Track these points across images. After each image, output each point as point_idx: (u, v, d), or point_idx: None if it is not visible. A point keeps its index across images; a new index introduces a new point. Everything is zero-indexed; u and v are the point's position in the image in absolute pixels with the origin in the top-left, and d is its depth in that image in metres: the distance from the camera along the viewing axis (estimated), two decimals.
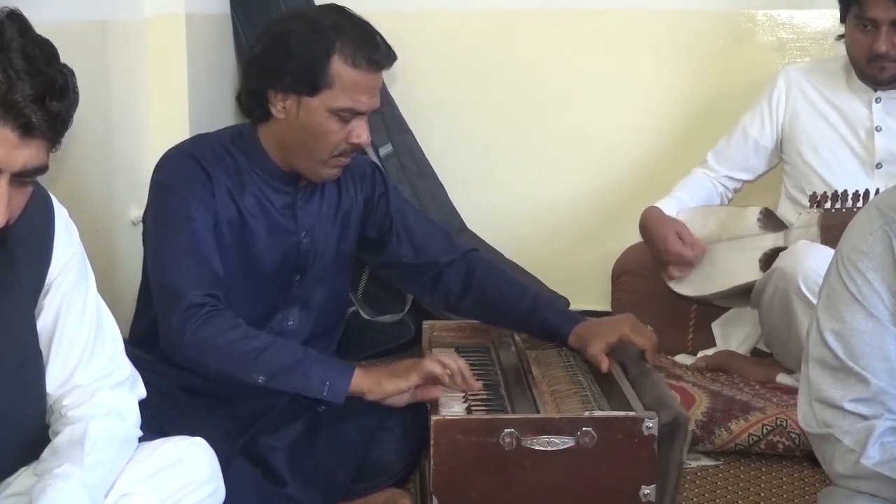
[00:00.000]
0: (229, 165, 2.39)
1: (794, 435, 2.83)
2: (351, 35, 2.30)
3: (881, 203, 1.86)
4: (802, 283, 2.87)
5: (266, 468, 2.36)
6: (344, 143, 2.33)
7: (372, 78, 2.32)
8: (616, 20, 3.92)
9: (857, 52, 3.14)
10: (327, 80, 2.28)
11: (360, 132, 2.33)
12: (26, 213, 1.68)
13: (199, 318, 2.22)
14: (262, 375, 2.22)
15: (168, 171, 2.39)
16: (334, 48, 2.27)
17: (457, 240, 2.73)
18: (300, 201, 2.45)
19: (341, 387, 2.21)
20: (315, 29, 2.30)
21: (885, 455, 1.77)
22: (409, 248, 2.61)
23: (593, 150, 4.01)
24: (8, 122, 1.51)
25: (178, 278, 2.27)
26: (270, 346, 2.24)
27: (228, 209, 2.37)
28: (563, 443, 2.00)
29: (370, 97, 2.32)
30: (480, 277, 2.59)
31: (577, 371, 2.40)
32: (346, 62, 2.28)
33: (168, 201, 2.35)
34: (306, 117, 2.31)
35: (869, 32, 3.08)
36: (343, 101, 2.29)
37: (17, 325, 1.74)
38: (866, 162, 3.23)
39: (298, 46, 2.29)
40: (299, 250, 2.45)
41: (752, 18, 3.92)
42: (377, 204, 2.59)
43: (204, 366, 2.26)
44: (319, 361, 2.25)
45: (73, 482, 1.66)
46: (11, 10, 1.56)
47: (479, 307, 2.62)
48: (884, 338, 1.82)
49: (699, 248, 3.26)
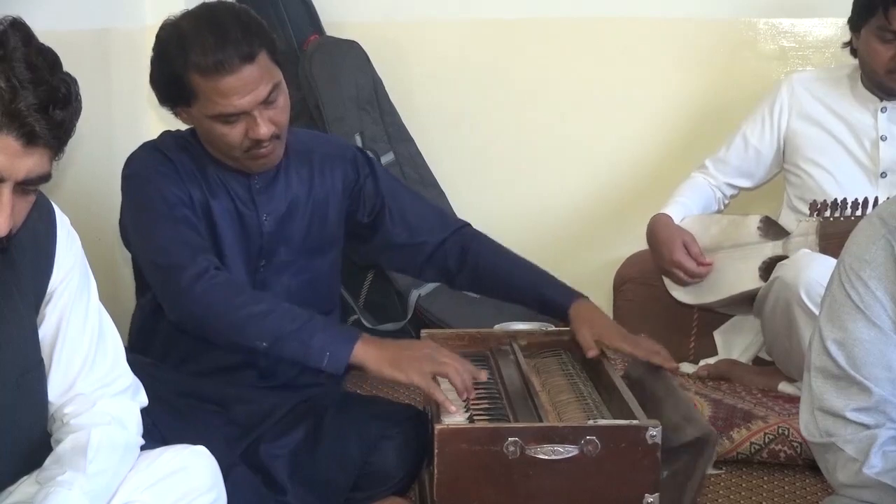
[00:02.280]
0: (193, 153, 2.42)
1: (796, 444, 2.83)
2: (196, 43, 2.24)
3: (884, 212, 1.86)
4: (804, 293, 2.87)
5: (266, 476, 2.36)
6: (246, 140, 2.31)
7: (233, 79, 2.24)
8: (617, 29, 3.93)
9: (877, 62, 3.13)
10: (192, 93, 2.27)
11: (254, 129, 2.29)
12: (29, 222, 1.68)
13: (206, 280, 2.23)
14: (264, 341, 2.22)
15: (134, 164, 2.43)
16: (187, 62, 2.24)
17: (449, 216, 2.73)
18: (256, 186, 2.44)
19: (342, 358, 2.20)
20: (172, 44, 2.28)
21: (888, 464, 1.77)
22: (402, 228, 2.60)
23: (594, 159, 4.01)
24: (11, 131, 1.51)
25: (171, 248, 2.28)
26: (275, 311, 2.23)
27: (195, 191, 2.39)
28: (566, 451, 2.00)
29: (243, 96, 2.25)
30: (476, 252, 2.60)
31: (576, 379, 2.40)
32: (200, 74, 2.24)
33: (141, 189, 2.37)
34: (198, 125, 2.35)
35: (891, 44, 3.08)
36: (214, 109, 2.27)
37: (18, 334, 1.74)
38: (870, 171, 3.23)
39: (163, 64, 2.30)
40: (262, 233, 2.45)
41: (753, 27, 3.92)
42: (363, 187, 2.59)
43: (212, 329, 2.26)
44: (323, 329, 2.23)
45: (75, 490, 1.66)
46: (14, 19, 1.57)
47: (476, 281, 2.62)
48: (886, 347, 1.82)
49: (704, 262, 3.25)
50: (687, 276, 3.26)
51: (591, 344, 2.40)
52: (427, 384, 2.18)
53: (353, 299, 3.60)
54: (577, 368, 2.45)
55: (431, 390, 2.17)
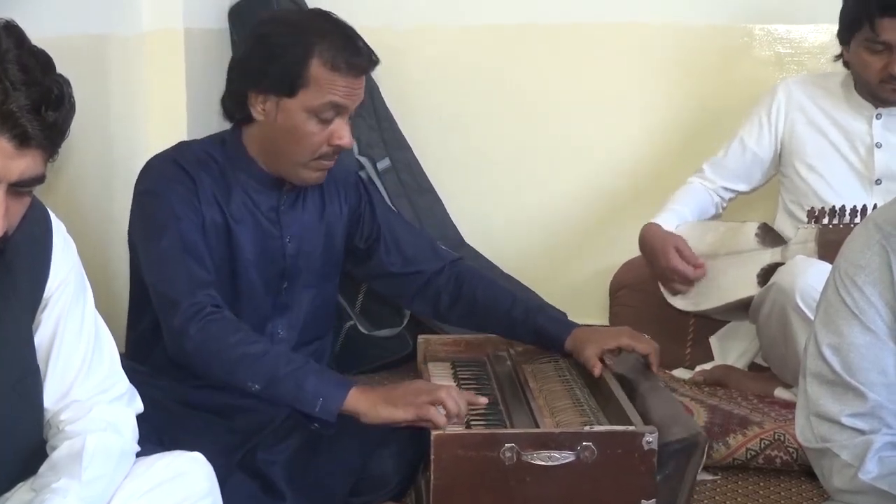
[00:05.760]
0: (213, 170, 2.39)
1: (792, 449, 2.83)
2: (332, 38, 2.30)
3: (879, 218, 1.86)
4: (800, 299, 2.87)
5: (263, 482, 2.35)
6: (325, 146, 2.33)
7: (351, 81, 2.31)
8: (613, 34, 3.94)
9: (868, 73, 3.14)
10: (305, 80, 2.28)
11: (341, 133, 2.32)
12: (25, 228, 1.68)
13: (200, 319, 2.21)
14: (257, 383, 2.20)
15: (151, 177, 2.39)
16: (314, 50, 2.28)
17: (442, 249, 2.72)
18: (284, 206, 2.44)
19: (335, 404, 2.17)
20: (297, 31, 2.32)
21: (884, 469, 1.77)
22: (396, 257, 2.60)
23: (591, 165, 4.02)
24: (4, 133, 1.51)
25: (174, 281, 2.26)
26: (268, 353, 2.22)
27: (214, 213, 2.36)
28: (563, 457, 2.00)
29: (348, 97, 2.32)
30: (470, 285, 2.59)
31: (573, 385, 2.40)
32: (324, 64, 2.28)
33: (154, 207, 2.34)
34: (285, 119, 2.32)
35: (881, 55, 3.08)
36: (321, 99, 2.29)
37: (14, 339, 1.74)
38: (865, 178, 3.24)
39: (279, 47, 2.30)
40: (285, 255, 2.44)
41: (749, 33, 3.93)
42: (363, 214, 2.59)
43: (205, 369, 2.25)
44: (316, 374, 2.22)
45: (70, 497, 1.66)
46: (7, 21, 1.56)
47: (469, 315, 2.61)
48: (881, 352, 1.82)
49: (698, 266, 3.26)
50: (683, 281, 3.27)
51: (596, 361, 2.39)
52: (423, 412, 2.13)
53: (350, 305, 3.60)
54: (574, 374, 2.45)
55: (428, 414, 2.12)
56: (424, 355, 2.65)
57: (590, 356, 2.40)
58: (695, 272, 3.25)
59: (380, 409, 2.18)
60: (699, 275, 3.26)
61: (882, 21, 3.04)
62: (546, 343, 2.55)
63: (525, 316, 2.54)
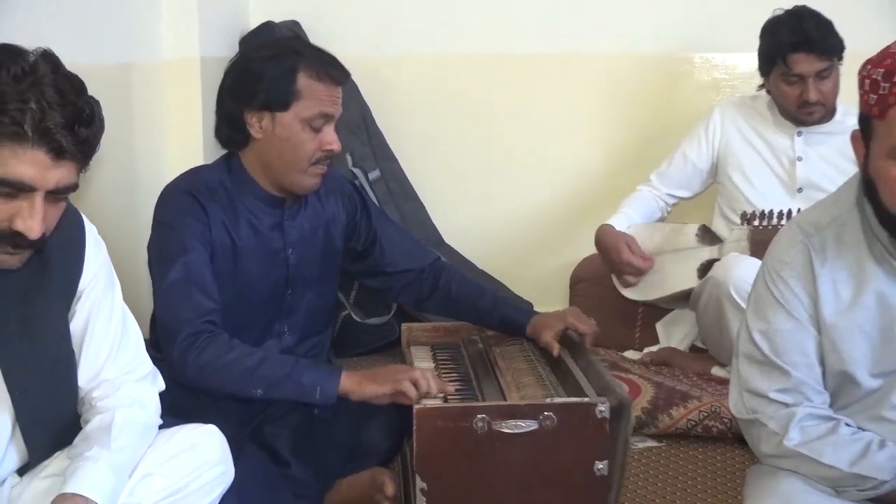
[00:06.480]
0: (223, 198, 2.34)
1: (726, 420, 2.84)
2: (309, 54, 2.30)
3: (802, 221, 1.88)
4: (733, 290, 2.89)
5: (271, 452, 2.35)
6: (319, 151, 2.30)
7: (334, 90, 2.30)
8: (574, 64, 3.96)
9: (787, 102, 3.17)
10: (296, 93, 2.26)
11: (330, 139, 2.30)
12: (61, 230, 1.68)
13: (196, 347, 2.17)
14: (259, 389, 2.18)
15: (166, 209, 2.33)
16: (298, 66, 2.26)
17: (426, 249, 2.72)
18: (287, 219, 2.41)
19: (331, 388, 2.17)
20: (278, 52, 2.30)
21: (804, 437, 1.79)
22: (389, 258, 2.59)
23: (552, 175, 4.03)
24: (42, 147, 1.51)
25: (173, 312, 2.21)
26: (264, 362, 2.19)
27: (224, 240, 2.32)
28: (527, 426, 1.99)
29: (333, 106, 2.30)
30: (446, 280, 2.59)
31: (536, 363, 2.39)
32: (310, 76, 2.26)
33: (166, 238, 2.29)
34: (282, 131, 2.28)
35: (796, 84, 3.11)
36: (312, 110, 2.27)
37: (51, 327, 1.74)
38: (789, 187, 3.25)
39: (266, 68, 2.27)
40: (288, 265, 2.41)
41: (689, 60, 3.95)
42: (359, 221, 2.57)
43: (207, 388, 2.21)
44: (308, 369, 2.21)
45: (101, 464, 1.66)
46: (45, 50, 1.57)
47: (445, 306, 2.60)
48: (804, 337, 1.83)
49: (648, 259, 3.28)
50: (634, 274, 3.28)
51: (554, 344, 2.39)
52: (399, 386, 2.15)
53: (345, 297, 3.60)
54: (537, 355, 2.44)
55: (403, 388, 2.14)
56: (408, 340, 2.65)
57: (548, 340, 2.40)
58: (645, 264, 3.26)
59: (364, 386, 2.18)
60: (648, 267, 3.27)
61: (793, 56, 3.07)
62: (510, 329, 2.55)
63: (492, 306, 2.54)
